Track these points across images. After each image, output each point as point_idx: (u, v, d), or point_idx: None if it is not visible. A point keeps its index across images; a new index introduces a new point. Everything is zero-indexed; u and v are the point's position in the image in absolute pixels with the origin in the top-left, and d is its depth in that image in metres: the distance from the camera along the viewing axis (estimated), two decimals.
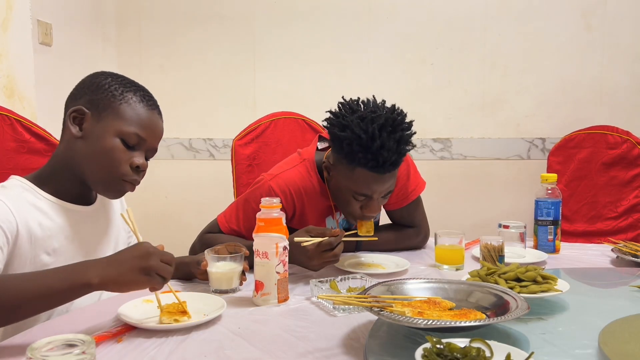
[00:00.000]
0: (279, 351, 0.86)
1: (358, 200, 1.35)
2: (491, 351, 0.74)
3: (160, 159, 2.77)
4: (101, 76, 1.14)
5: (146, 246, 0.95)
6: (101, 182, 1.12)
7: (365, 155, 1.27)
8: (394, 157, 1.29)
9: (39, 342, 0.63)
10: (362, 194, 1.33)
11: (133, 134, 1.10)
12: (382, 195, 1.36)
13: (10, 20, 2.01)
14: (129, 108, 1.10)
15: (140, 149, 1.12)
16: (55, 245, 1.09)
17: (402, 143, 1.33)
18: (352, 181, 1.33)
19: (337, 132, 1.32)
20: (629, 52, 2.59)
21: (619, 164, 2.38)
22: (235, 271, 1.18)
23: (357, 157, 1.29)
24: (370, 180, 1.31)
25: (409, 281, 1.04)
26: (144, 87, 1.18)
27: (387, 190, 1.36)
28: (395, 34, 2.66)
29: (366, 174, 1.30)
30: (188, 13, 2.72)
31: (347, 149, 1.30)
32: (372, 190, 1.33)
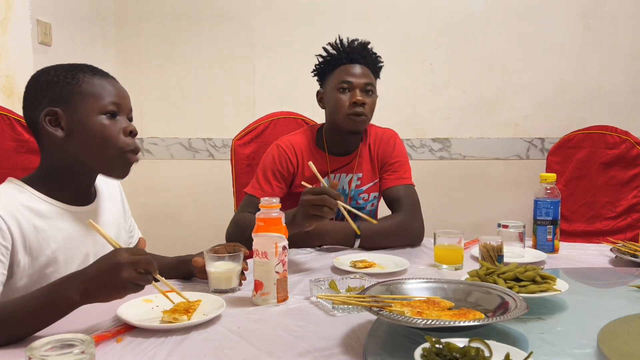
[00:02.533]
0: (278, 351, 0.86)
1: (344, 93, 1.63)
2: (490, 351, 0.74)
3: (159, 159, 2.78)
4: (42, 75, 1.11)
5: (117, 257, 0.91)
6: (106, 164, 1.12)
7: (339, 55, 1.65)
8: (360, 50, 1.66)
9: (38, 342, 0.63)
10: (344, 81, 1.63)
11: (110, 104, 1.10)
12: (363, 89, 1.63)
13: (9, 20, 2.01)
14: (90, 85, 1.10)
15: (122, 116, 1.13)
16: (54, 247, 1.08)
17: (365, 46, 1.69)
18: (335, 80, 1.65)
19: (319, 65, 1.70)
20: (628, 52, 2.59)
21: (617, 164, 2.38)
22: (234, 271, 1.18)
23: (332, 63, 1.66)
24: (348, 70, 1.64)
25: (408, 281, 1.04)
26: (85, 64, 1.16)
27: (365, 83, 1.63)
28: (394, 33, 2.66)
29: (342, 68, 1.64)
30: (187, 13, 2.71)
31: (326, 63, 1.68)
32: (351, 76, 1.63)
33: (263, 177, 1.68)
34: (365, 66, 1.66)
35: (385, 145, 1.77)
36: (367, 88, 1.64)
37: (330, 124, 1.70)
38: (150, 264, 0.93)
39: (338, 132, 1.68)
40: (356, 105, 1.61)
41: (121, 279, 0.90)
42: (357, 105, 1.61)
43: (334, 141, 1.71)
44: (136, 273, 0.91)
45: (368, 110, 1.65)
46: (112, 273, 0.90)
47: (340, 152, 1.72)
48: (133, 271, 0.91)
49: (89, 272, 0.92)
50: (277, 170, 1.67)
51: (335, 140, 1.71)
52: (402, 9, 2.65)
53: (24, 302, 0.92)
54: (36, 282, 1.05)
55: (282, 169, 1.67)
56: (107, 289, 0.91)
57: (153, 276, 0.94)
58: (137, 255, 0.93)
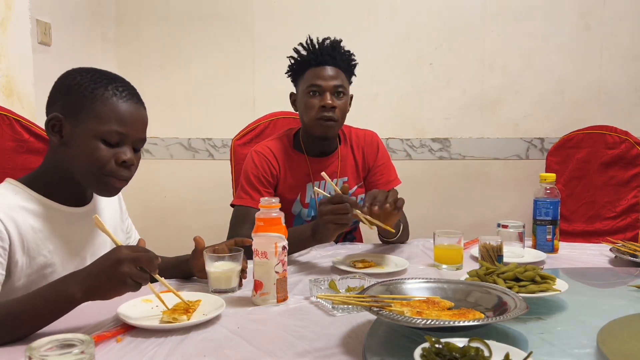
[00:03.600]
0: (278, 351, 0.86)
1: (313, 97, 1.59)
2: (490, 351, 0.74)
3: (159, 159, 2.78)
4: (70, 76, 1.09)
5: (118, 253, 0.92)
6: (92, 183, 1.10)
7: (308, 57, 1.61)
8: (329, 51, 1.61)
9: (38, 342, 0.63)
10: (314, 84, 1.59)
11: (112, 132, 1.06)
12: (333, 92, 1.59)
13: (9, 20, 2.01)
14: (103, 105, 1.06)
15: (125, 144, 1.09)
16: (51, 247, 1.08)
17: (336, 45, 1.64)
18: (305, 83, 1.61)
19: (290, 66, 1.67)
20: (628, 52, 2.59)
21: (617, 164, 2.38)
22: (234, 271, 1.17)
23: (302, 65, 1.62)
24: (317, 73, 1.60)
25: (408, 281, 1.04)
26: (117, 77, 1.13)
27: (334, 85, 1.59)
28: (394, 33, 2.66)
29: (312, 71, 1.61)
30: (187, 13, 2.71)
31: (296, 64, 1.65)
32: (320, 79, 1.59)
33: (249, 185, 1.64)
34: (336, 67, 1.62)
35: (369, 148, 1.75)
36: (338, 90, 1.60)
37: (303, 126, 1.68)
38: (151, 261, 0.94)
39: (309, 135, 1.66)
40: (325, 110, 1.58)
41: (121, 274, 0.90)
42: (326, 110, 1.58)
43: (310, 144, 1.69)
44: (136, 269, 0.92)
45: (339, 113, 1.61)
46: (113, 269, 0.91)
47: (318, 154, 1.70)
48: (133, 267, 0.91)
49: (90, 269, 0.93)
50: (261, 175, 1.64)
51: (311, 142, 1.69)
52: (402, 9, 2.65)
53: (26, 301, 0.93)
54: (34, 283, 1.06)
55: (266, 174, 1.64)
56: (108, 284, 0.92)
57: (152, 275, 0.94)
58: (138, 252, 0.93)
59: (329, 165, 1.69)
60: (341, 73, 1.63)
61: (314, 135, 1.64)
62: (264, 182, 1.64)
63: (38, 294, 0.93)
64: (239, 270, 1.18)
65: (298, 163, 1.68)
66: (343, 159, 1.72)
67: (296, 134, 1.73)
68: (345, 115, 1.65)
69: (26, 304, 0.92)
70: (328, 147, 1.70)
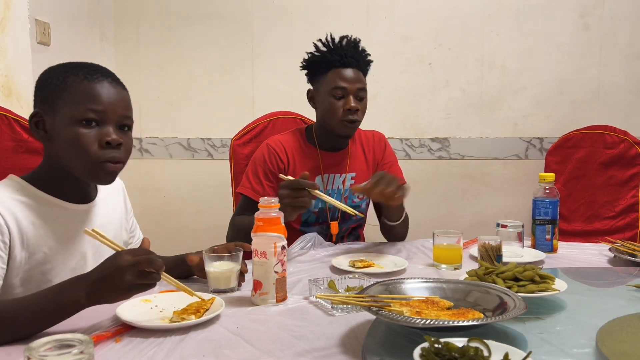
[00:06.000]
0: (277, 350, 0.86)
1: (337, 98, 1.62)
2: (489, 350, 0.74)
3: (158, 159, 2.78)
4: (45, 72, 1.10)
5: (118, 260, 0.91)
6: (83, 173, 1.09)
7: (332, 57, 1.63)
8: (352, 53, 1.64)
9: (37, 342, 0.63)
10: (338, 87, 1.62)
11: (87, 112, 1.04)
12: (356, 95, 1.63)
13: (8, 20, 2.01)
14: (74, 91, 1.05)
15: (106, 124, 1.06)
16: (51, 244, 1.08)
17: (357, 46, 1.67)
18: (328, 84, 1.63)
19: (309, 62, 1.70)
20: (627, 51, 2.59)
21: (616, 163, 2.38)
22: (233, 271, 1.17)
23: (325, 64, 1.64)
24: (341, 75, 1.62)
25: (407, 281, 1.04)
26: (91, 64, 1.11)
27: (358, 88, 1.63)
28: (393, 33, 2.66)
29: (335, 72, 1.63)
30: (186, 12, 2.71)
31: (318, 63, 1.66)
32: (344, 82, 1.62)
33: (254, 175, 1.68)
34: (358, 69, 1.66)
35: (377, 146, 1.81)
36: (360, 94, 1.65)
37: (322, 124, 1.70)
38: (152, 262, 0.93)
39: (329, 132, 1.69)
40: (350, 113, 1.62)
41: (125, 282, 0.90)
42: (351, 113, 1.62)
43: (324, 139, 1.72)
44: (139, 274, 0.91)
45: (360, 115, 1.66)
46: (116, 277, 0.90)
47: (331, 148, 1.74)
48: (136, 272, 0.91)
49: (94, 275, 0.93)
50: (267, 169, 1.67)
51: (325, 138, 1.72)
52: (401, 9, 2.65)
53: (30, 302, 0.93)
54: (32, 278, 1.06)
55: (273, 167, 1.67)
56: (112, 292, 0.92)
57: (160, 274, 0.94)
58: (139, 255, 0.93)
59: (339, 160, 1.73)
60: (361, 74, 1.67)
61: (335, 134, 1.67)
62: (269, 175, 1.67)
63: (43, 295, 0.93)
64: (238, 270, 1.18)
65: (310, 156, 1.71)
66: (352, 156, 1.76)
67: (308, 128, 1.77)
68: (364, 115, 1.69)
69: (30, 305, 0.92)
70: (341, 143, 1.74)
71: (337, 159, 1.73)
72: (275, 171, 1.67)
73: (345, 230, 1.77)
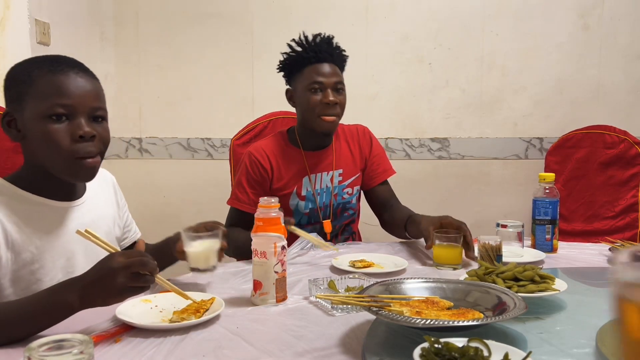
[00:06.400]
0: (277, 350, 0.86)
1: (315, 93, 1.62)
2: (489, 350, 0.74)
3: (158, 159, 2.78)
4: (12, 69, 1.07)
5: (110, 262, 0.90)
6: (60, 170, 1.06)
7: (307, 54, 1.63)
8: (326, 48, 1.64)
9: (37, 342, 0.63)
10: (315, 82, 1.61)
11: (55, 106, 1.00)
12: (334, 89, 1.62)
13: (7, 20, 2.00)
14: (39, 85, 1.01)
15: (77, 117, 1.03)
16: (38, 243, 1.07)
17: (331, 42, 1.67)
18: (304, 80, 1.63)
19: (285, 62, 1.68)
20: (627, 51, 2.59)
21: (616, 163, 2.38)
22: (212, 249, 1.15)
23: (300, 62, 1.64)
24: (317, 70, 1.63)
25: (407, 281, 1.04)
26: (55, 56, 1.08)
27: (335, 82, 1.63)
28: (393, 33, 2.66)
29: (311, 68, 1.63)
30: (186, 12, 2.71)
31: (293, 62, 1.66)
32: (321, 76, 1.62)
33: (237, 186, 1.70)
34: (333, 63, 1.66)
35: (362, 139, 1.80)
36: (338, 87, 1.65)
37: (303, 123, 1.70)
38: (145, 265, 0.91)
39: (311, 130, 1.68)
40: (329, 106, 1.62)
41: (118, 285, 0.89)
42: (329, 106, 1.62)
43: (307, 138, 1.72)
44: (132, 277, 0.90)
45: (339, 109, 1.65)
46: (108, 280, 0.89)
47: (314, 147, 1.73)
48: (129, 275, 0.90)
49: (87, 278, 0.92)
50: (251, 178, 1.68)
51: (308, 137, 1.72)
52: (401, 9, 2.65)
53: (23, 305, 0.92)
54: (21, 278, 1.05)
55: (256, 176, 1.67)
56: (105, 295, 0.91)
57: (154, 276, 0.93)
58: (132, 258, 0.91)
59: (324, 158, 1.73)
60: (337, 69, 1.67)
61: (316, 132, 1.66)
62: (252, 183, 1.68)
63: (35, 299, 0.92)
64: (217, 248, 1.16)
65: (294, 158, 1.71)
66: (337, 152, 1.75)
67: (290, 130, 1.77)
68: (344, 110, 1.68)
69: (22, 308, 0.91)
70: (324, 141, 1.73)
71: (322, 157, 1.73)
72: (259, 179, 1.68)
73: (339, 228, 1.77)
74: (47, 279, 1.07)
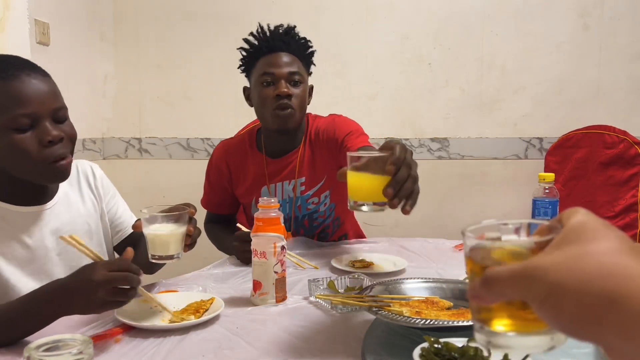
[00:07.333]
0: (277, 350, 0.86)
1: (267, 86, 1.48)
2: (489, 350, 0.74)
3: (157, 159, 2.77)
4: None
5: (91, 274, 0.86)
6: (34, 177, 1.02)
7: (259, 46, 1.51)
8: (281, 37, 1.50)
9: (36, 342, 0.63)
10: (266, 73, 1.47)
11: (16, 117, 0.95)
12: (288, 80, 1.48)
13: (7, 20, 2.00)
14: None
15: (40, 122, 0.98)
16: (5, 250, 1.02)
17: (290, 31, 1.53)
18: (257, 73, 1.50)
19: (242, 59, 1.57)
20: (626, 51, 2.59)
21: (616, 163, 2.38)
22: (174, 234, 1.00)
23: (254, 54, 1.52)
24: (270, 61, 1.48)
25: (407, 281, 1.04)
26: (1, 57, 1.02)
27: (289, 72, 1.48)
28: (393, 33, 2.66)
29: (264, 59, 1.50)
30: (185, 12, 2.71)
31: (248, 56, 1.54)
32: (273, 67, 1.47)
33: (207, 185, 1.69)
34: (290, 53, 1.50)
35: (325, 134, 1.55)
36: (294, 78, 1.48)
37: (261, 123, 1.57)
38: (128, 280, 0.88)
39: (267, 130, 1.55)
40: (281, 98, 1.45)
41: (98, 299, 0.87)
42: (281, 98, 1.45)
43: (271, 142, 1.58)
44: (113, 291, 0.87)
45: (296, 103, 1.47)
46: (89, 292, 0.86)
47: (278, 153, 1.57)
48: (110, 290, 0.86)
49: (67, 286, 0.89)
50: (211, 179, 1.66)
51: (272, 141, 1.57)
52: (401, 9, 2.65)
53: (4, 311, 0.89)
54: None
55: (214, 178, 1.65)
56: (85, 307, 0.89)
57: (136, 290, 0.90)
58: (115, 271, 0.88)
59: (286, 165, 1.57)
60: (297, 60, 1.51)
61: (271, 130, 1.52)
62: (214, 186, 1.66)
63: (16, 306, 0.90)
64: (180, 234, 1.01)
65: (254, 164, 1.59)
66: (301, 159, 1.57)
67: (259, 130, 1.64)
68: (304, 106, 1.52)
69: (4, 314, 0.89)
70: (288, 144, 1.57)
71: (284, 165, 1.57)
72: (218, 181, 1.65)
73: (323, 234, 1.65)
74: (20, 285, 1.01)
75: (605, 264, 0.35)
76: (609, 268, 0.35)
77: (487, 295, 0.41)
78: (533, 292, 0.37)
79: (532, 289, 0.37)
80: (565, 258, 0.37)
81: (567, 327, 0.37)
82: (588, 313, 0.35)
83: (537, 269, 0.37)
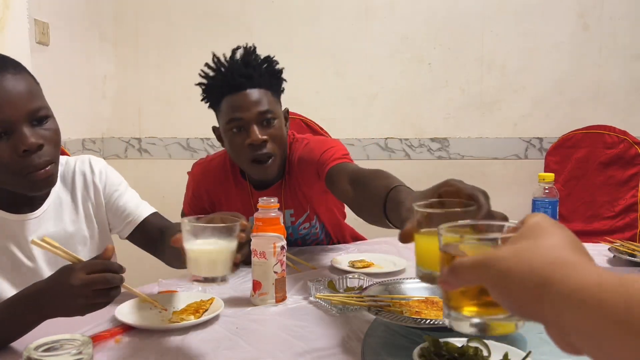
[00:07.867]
0: (276, 351, 0.86)
1: (239, 133, 1.33)
2: (489, 350, 0.74)
3: (157, 159, 2.77)
4: None
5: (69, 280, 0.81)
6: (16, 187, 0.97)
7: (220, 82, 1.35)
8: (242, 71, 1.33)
9: (36, 342, 0.62)
10: (235, 118, 1.32)
11: None
12: (259, 122, 1.32)
13: (7, 20, 2.00)
14: None
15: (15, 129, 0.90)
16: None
17: (250, 64, 1.36)
18: (224, 117, 1.34)
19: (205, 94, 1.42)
20: (626, 51, 2.59)
21: (616, 163, 2.38)
22: (222, 251, 0.81)
23: (215, 93, 1.37)
24: (234, 103, 1.33)
25: (407, 281, 1.04)
26: None
27: (258, 112, 1.32)
28: (392, 33, 2.66)
29: (227, 101, 1.34)
30: (185, 12, 2.71)
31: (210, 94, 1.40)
32: (239, 111, 1.32)
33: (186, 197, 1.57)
34: (258, 88, 1.34)
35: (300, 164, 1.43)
36: (266, 117, 1.33)
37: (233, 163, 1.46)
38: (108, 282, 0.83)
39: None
40: (256, 148, 1.31)
41: (78, 304, 0.83)
42: (256, 148, 1.31)
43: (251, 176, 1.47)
44: (93, 294, 0.82)
45: (274, 146, 1.33)
46: (68, 297, 0.82)
47: (262, 185, 1.47)
48: (89, 293, 0.82)
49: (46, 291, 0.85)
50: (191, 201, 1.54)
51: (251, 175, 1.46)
52: (401, 9, 2.65)
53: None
54: None
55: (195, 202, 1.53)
56: (67, 311, 0.85)
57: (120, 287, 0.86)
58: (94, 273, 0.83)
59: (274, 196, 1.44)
60: (265, 92, 1.35)
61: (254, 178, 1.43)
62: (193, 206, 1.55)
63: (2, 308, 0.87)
64: (231, 251, 0.82)
65: (240, 194, 1.48)
66: (286, 190, 1.47)
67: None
68: (283, 143, 1.38)
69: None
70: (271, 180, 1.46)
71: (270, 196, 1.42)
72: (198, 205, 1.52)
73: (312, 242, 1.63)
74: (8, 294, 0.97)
75: (548, 255, 0.43)
76: (550, 258, 0.43)
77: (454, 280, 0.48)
78: (488, 277, 0.45)
79: (488, 275, 0.45)
80: (516, 250, 0.45)
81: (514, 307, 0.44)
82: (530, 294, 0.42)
83: (492, 259, 0.45)
